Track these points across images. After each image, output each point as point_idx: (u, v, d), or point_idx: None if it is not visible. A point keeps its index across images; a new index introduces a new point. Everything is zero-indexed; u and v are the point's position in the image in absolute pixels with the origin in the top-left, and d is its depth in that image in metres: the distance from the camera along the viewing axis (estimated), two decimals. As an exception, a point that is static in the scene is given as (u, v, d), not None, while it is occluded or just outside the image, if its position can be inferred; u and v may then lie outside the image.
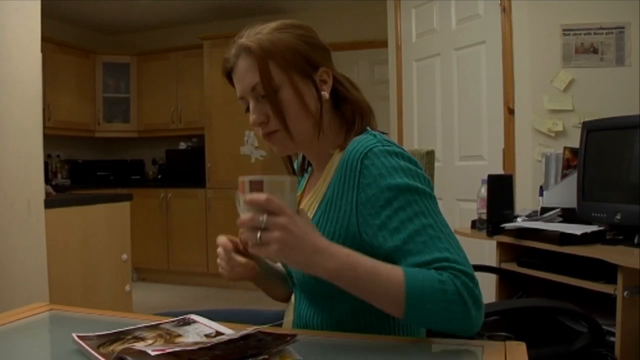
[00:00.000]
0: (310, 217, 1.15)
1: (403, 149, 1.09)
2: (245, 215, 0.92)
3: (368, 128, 1.19)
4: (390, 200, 1.01)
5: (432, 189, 1.07)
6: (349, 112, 1.19)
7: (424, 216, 1.00)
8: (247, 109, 1.20)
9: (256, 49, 1.11)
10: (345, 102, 1.20)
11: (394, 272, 0.93)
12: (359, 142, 1.09)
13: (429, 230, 0.98)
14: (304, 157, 1.36)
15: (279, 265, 1.36)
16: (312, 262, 0.93)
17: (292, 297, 1.31)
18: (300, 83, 1.13)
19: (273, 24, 1.15)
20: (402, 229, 0.99)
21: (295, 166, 1.37)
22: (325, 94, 1.16)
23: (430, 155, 1.52)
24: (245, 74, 1.15)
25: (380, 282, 0.93)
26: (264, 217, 0.90)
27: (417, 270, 0.94)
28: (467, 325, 0.94)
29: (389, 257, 1.00)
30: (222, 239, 1.19)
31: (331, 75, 1.18)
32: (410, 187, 1.02)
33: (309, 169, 1.35)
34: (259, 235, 0.90)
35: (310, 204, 1.20)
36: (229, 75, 1.23)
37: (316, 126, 1.16)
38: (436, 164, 1.82)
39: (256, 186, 0.94)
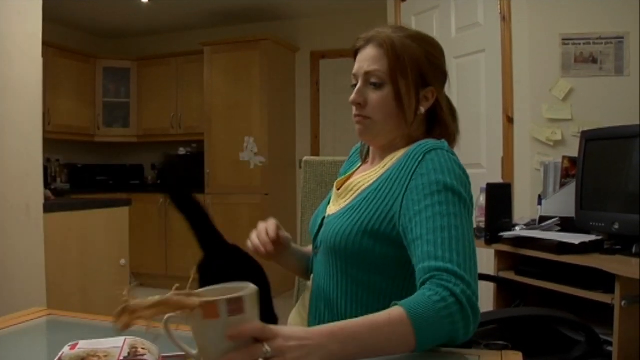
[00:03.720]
0: (357, 193, 1.24)
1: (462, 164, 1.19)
2: (225, 345, 0.83)
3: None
4: (434, 193, 1.10)
5: (472, 203, 1.16)
6: (437, 133, 1.28)
7: (456, 218, 1.08)
8: (353, 86, 1.28)
9: (388, 46, 1.22)
10: (438, 123, 1.29)
11: (394, 315, 0.93)
12: (428, 142, 1.19)
13: (453, 230, 1.05)
14: (369, 147, 1.41)
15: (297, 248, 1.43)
16: (321, 355, 0.87)
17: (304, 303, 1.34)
18: (406, 90, 1.23)
19: (412, 32, 1.27)
20: (433, 219, 1.07)
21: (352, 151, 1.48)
22: (422, 109, 1.26)
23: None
24: (369, 59, 1.25)
25: (386, 333, 0.92)
26: (267, 348, 0.83)
27: (414, 302, 0.95)
28: (466, 330, 0.97)
29: (410, 241, 1.08)
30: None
31: (435, 96, 1.26)
32: (455, 189, 1.11)
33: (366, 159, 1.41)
34: None
35: (361, 181, 1.27)
36: (355, 52, 1.31)
37: (400, 131, 1.26)
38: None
39: (236, 304, 0.83)
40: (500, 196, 2.55)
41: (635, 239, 2.13)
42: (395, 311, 0.94)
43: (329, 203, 1.36)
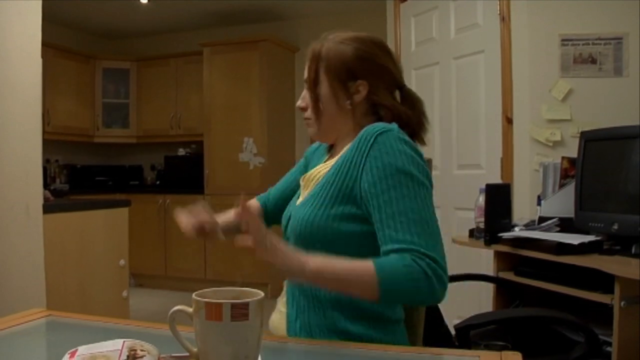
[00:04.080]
0: (317, 182, 1.33)
1: (413, 142, 1.25)
2: (224, 349, 0.87)
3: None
4: (387, 177, 1.17)
5: (429, 180, 1.22)
6: (387, 119, 1.33)
7: (410, 200, 1.15)
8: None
9: (311, 55, 1.36)
10: (382, 109, 1.35)
11: (366, 266, 1.09)
12: (378, 125, 1.25)
13: (410, 213, 1.14)
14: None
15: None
16: (297, 267, 1.10)
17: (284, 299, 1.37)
18: (330, 88, 1.33)
19: (348, 35, 1.36)
20: (390, 204, 1.15)
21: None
22: (348, 103, 1.33)
23: (428, 163, 1.53)
24: (306, 67, 1.38)
25: (356, 276, 1.10)
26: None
27: (383, 260, 1.11)
28: (432, 297, 1.11)
29: (374, 223, 1.18)
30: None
31: (367, 88, 1.33)
32: (406, 171, 1.18)
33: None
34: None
35: (321, 170, 1.36)
36: None
37: (346, 125, 1.35)
38: (434, 173, 1.83)
39: (241, 310, 0.85)
40: (499, 197, 2.55)
41: (635, 239, 2.13)
42: (367, 264, 1.10)
43: (297, 197, 1.42)
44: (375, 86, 1.33)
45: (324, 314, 1.24)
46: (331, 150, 1.46)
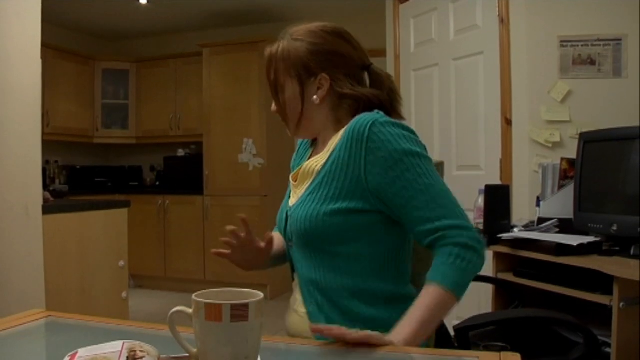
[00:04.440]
0: (312, 178, 1.33)
1: (400, 122, 1.28)
2: (223, 349, 0.87)
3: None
4: (397, 163, 1.20)
5: (427, 152, 1.26)
6: (361, 107, 1.33)
7: (426, 177, 1.20)
8: None
9: (266, 61, 1.35)
10: (351, 99, 1.34)
11: (439, 293, 1.14)
12: (363, 116, 1.26)
13: (431, 189, 1.19)
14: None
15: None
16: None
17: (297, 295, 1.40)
18: (292, 87, 1.33)
19: (300, 32, 1.34)
20: (409, 187, 1.19)
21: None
22: (315, 98, 1.33)
23: (440, 166, 1.54)
24: (265, 71, 1.38)
25: (440, 310, 1.14)
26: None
27: (441, 273, 1.15)
28: (482, 261, 1.20)
29: (395, 210, 1.21)
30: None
31: (329, 81, 1.32)
32: (413, 151, 1.21)
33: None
34: None
35: (311, 166, 1.35)
36: None
37: (321, 121, 1.35)
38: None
39: (240, 311, 0.85)
40: (498, 198, 2.55)
41: (634, 240, 2.13)
42: (435, 290, 1.13)
43: (289, 198, 1.42)
44: (336, 77, 1.33)
45: (343, 305, 1.26)
46: (313, 144, 1.48)
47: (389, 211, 1.24)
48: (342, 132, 1.30)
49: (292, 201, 1.37)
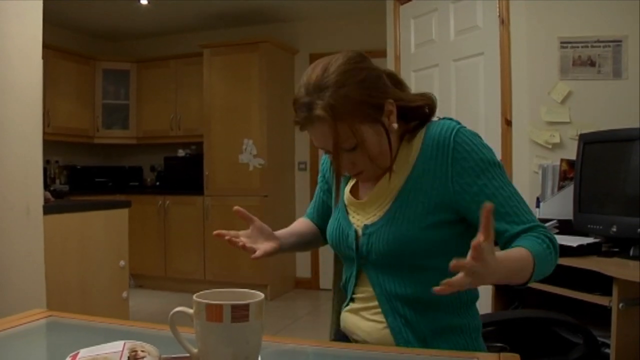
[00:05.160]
0: (393, 197, 1.30)
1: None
2: (224, 350, 0.87)
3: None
4: (483, 171, 1.23)
5: None
6: (417, 116, 1.34)
7: (508, 185, 1.25)
8: (327, 152, 1.30)
9: (327, 118, 1.19)
10: (416, 110, 1.33)
11: (527, 257, 1.12)
12: (442, 125, 1.28)
13: (516, 196, 1.25)
14: None
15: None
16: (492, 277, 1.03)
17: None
18: (372, 130, 1.24)
19: (333, 77, 1.21)
20: (497, 194, 1.22)
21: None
22: (395, 125, 1.28)
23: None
24: (323, 137, 1.24)
25: (523, 266, 1.12)
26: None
27: (535, 246, 1.16)
28: (555, 264, 1.22)
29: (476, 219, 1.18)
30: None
31: (394, 103, 1.27)
32: (495, 162, 1.26)
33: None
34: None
35: (390, 186, 1.31)
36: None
37: (392, 147, 1.29)
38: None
39: (241, 311, 0.86)
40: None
41: (633, 241, 2.14)
42: (527, 254, 1.12)
43: (346, 213, 1.38)
44: (394, 95, 1.29)
45: (431, 316, 1.27)
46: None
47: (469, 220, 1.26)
48: (418, 144, 1.30)
49: (364, 219, 1.34)
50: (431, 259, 1.24)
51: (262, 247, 1.30)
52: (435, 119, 1.35)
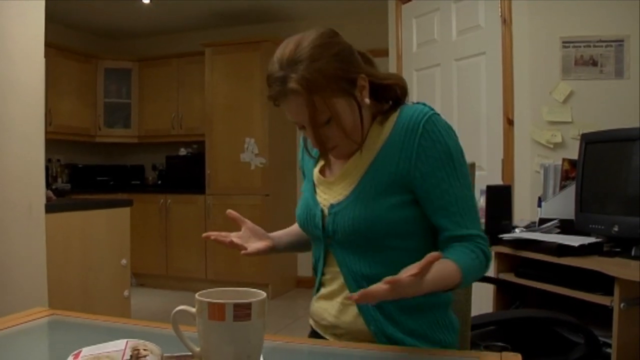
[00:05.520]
0: (360, 176, 1.30)
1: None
2: (226, 348, 0.88)
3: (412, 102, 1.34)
4: (445, 164, 1.23)
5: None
6: (394, 94, 1.33)
7: (467, 189, 1.26)
8: (301, 128, 1.30)
9: (302, 91, 1.19)
10: (387, 88, 1.32)
11: (456, 270, 1.14)
12: (415, 109, 1.27)
13: (469, 201, 1.26)
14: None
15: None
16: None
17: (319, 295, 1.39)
18: (345, 104, 1.25)
19: (306, 51, 1.20)
20: (451, 192, 1.23)
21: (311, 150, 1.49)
22: (367, 101, 1.28)
23: (472, 167, 1.53)
24: (297, 111, 1.24)
25: (449, 282, 1.14)
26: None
27: (467, 261, 1.18)
28: (486, 270, 1.25)
29: (436, 212, 1.24)
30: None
31: (366, 79, 1.28)
32: (460, 158, 1.25)
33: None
34: None
35: (358, 165, 1.32)
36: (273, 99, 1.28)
37: (364, 124, 1.30)
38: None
39: (243, 310, 0.86)
40: (500, 198, 2.56)
41: (635, 241, 2.14)
42: (455, 268, 1.14)
43: (314, 193, 1.39)
44: (367, 72, 1.29)
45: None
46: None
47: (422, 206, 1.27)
48: (389, 127, 1.29)
49: (331, 198, 1.34)
50: (395, 239, 1.25)
51: (254, 245, 1.34)
52: (409, 103, 1.33)
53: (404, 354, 1.11)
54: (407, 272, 0.97)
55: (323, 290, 1.37)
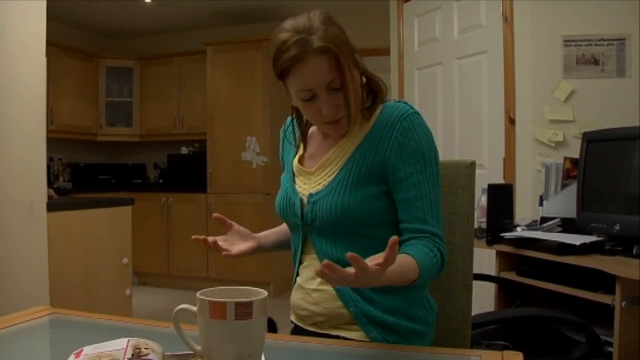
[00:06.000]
0: (340, 166, 1.33)
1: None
2: (227, 347, 0.88)
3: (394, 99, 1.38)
4: (416, 161, 1.27)
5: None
6: (374, 89, 1.36)
7: (432, 185, 1.28)
8: (307, 100, 1.28)
9: (330, 46, 1.20)
10: (369, 80, 1.35)
11: (414, 266, 1.14)
12: (397, 107, 1.30)
13: (432, 197, 1.27)
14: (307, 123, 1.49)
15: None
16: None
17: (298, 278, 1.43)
18: (356, 75, 1.28)
19: (319, 19, 1.25)
20: (418, 187, 1.26)
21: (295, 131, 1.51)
22: (363, 79, 1.33)
23: (471, 166, 1.54)
24: (320, 70, 1.22)
25: (406, 277, 1.14)
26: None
27: (426, 259, 1.18)
28: (441, 271, 1.27)
29: (400, 203, 1.28)
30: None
31: (361, 57, 1.32)
32: (431, 158, 1.28)
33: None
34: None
35: (337, 155, 1.35)
36: (281, 72, 1.28)
37: (358, 103, 1.31)
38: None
39: (245, 309, 0.86)
40: (501, 197, 2.55)
41: (636, 240, 2.14)
42: (414, 265, 1.14)
43: (293, 182, 1.41)
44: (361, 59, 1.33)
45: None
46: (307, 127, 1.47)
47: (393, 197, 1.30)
48: (372, 122, 1.32)
49: (310, 187, 1.36)
50: (370, 228, 1.29)
51: (238, 247, 1.39)
52: (392, 100, 1.35)
53: (406, 352, 1.12)
54: (373, 261, 0.98)
55: (299, 280, 1.42)
